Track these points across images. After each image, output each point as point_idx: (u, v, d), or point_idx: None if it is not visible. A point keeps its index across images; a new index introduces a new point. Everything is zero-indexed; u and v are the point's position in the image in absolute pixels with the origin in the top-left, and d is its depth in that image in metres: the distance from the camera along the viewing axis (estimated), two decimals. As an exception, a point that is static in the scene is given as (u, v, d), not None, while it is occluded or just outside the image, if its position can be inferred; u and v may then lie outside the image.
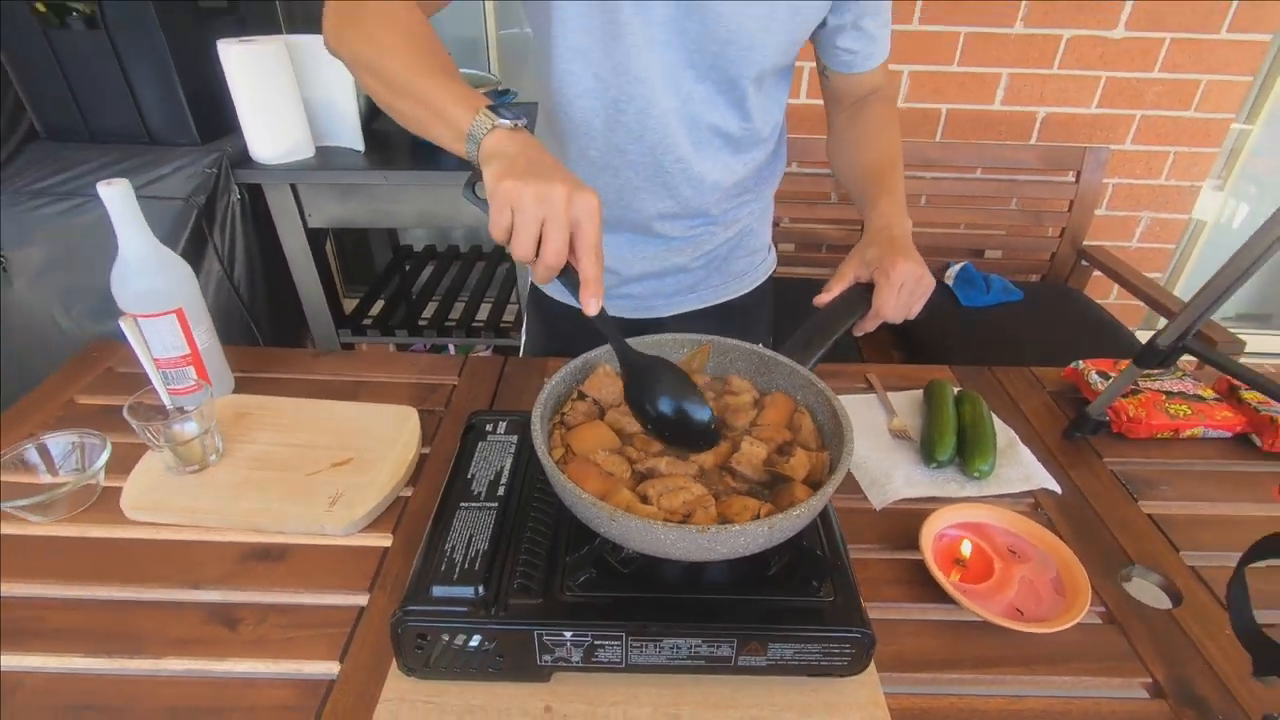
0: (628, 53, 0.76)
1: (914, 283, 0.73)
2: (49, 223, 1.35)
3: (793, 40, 0.80)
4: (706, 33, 0.76)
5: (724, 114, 0.84)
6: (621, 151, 0.84)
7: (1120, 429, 0.89)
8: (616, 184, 0.88)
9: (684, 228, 0.94)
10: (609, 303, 0.57)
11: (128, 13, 1.29)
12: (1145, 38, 1.74)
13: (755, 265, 1.06)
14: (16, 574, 0.67)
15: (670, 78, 0.79)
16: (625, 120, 0.81)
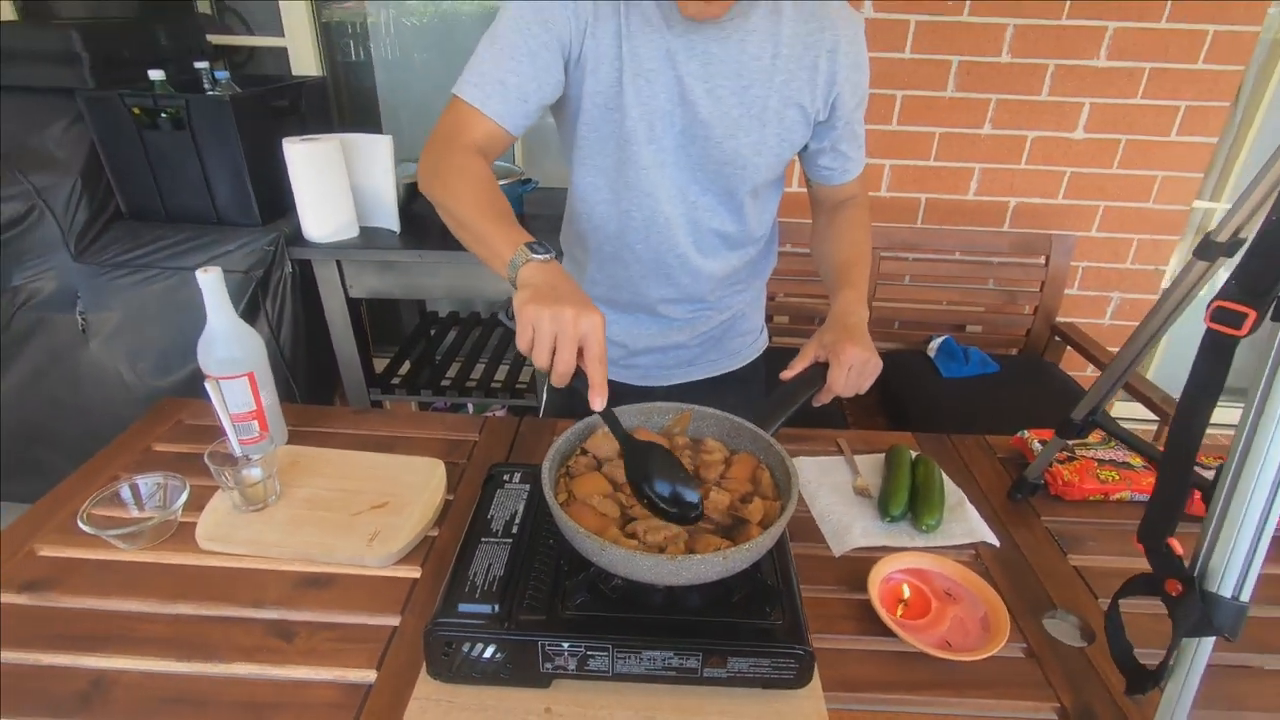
0: (639, 173, 0.93)
1: (861, 365, 0.87)
2: (125, 291, 1.54)
3: (780, 160, 0.96)
4: (708, 156, 0.92)
5: (723, 219, 0.99)
6: (630, 248, 1.00)
7: (1057, 491, 1.02)
8: (626, 273, 1.04)
9: (684, 311, 1.08)
10: (621, 371, 0.72)
11: (209, 114, 1.51)
12: (1103, 139, 1.93)
13: (747, 345, 1.20)
14: (111, 591, 0.80)
15: (678, 191, 0.95)
16: (634, 224, 0.98)
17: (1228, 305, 0.60)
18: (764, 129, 0.91)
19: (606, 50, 0.86)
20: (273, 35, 2.15)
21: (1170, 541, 0.62)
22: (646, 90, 0.87)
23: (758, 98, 0.89)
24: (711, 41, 0.86)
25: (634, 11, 0.85)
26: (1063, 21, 1.82)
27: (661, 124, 0.89)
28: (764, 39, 0.87)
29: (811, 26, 0.88)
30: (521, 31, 0.84)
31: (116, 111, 1.50)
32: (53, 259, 1.52)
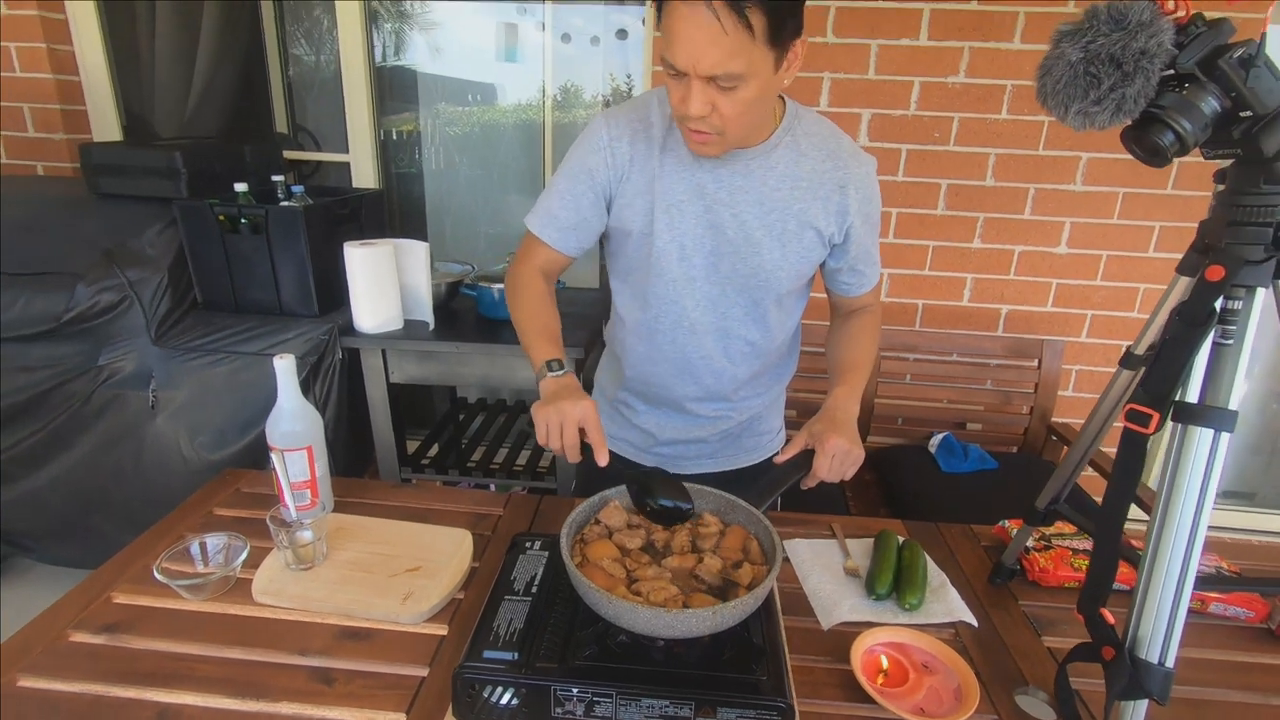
0: (669, 287, 1.08)
1: (843, 454, 0.96)
2: (194, 371, 1.72)
3: (800, 275, 1.08)
4: (735, 271, 1.06)
5: (748, 327, 1.11)
6: (660, 349, 1.15)
7: (1034, 577, 1.10)
8: (656, 371, 1.18)
9: (709, 409, 1.20)
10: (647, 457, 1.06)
11: (284, 222, 1.74)
12: (1085, 254, 2.10)
13: (764, 444, 1.29)
14: (176, 636, 0.91)
15: (708, 302, 1.08)
16: (663, 330, 1.12)
17: (1137, 408, 0.72)
18: (785, 248, 1.04)
19: (641, 189, 1.03)
20: (339, 151, 2.45)
21: (1103, 611, 0.72)
22: (678, 219, 1.03)
23: (778, 221, 1.03)
24: (737, 175, 1.01)
25: (668, 154, 1.02)
26: (1040, 151, 2.02)
27: (691, 245, 1.04)
28: (785, 173, 1.02)
29: (827, 165, 1.03)
30: (572, 177, 1.05)
31: (205, 218, 1.73)
32: (135, 342, 1.72)
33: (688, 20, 0.81)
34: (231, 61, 2.40)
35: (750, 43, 0.81)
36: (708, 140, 0.93)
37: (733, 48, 0.81)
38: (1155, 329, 0.79)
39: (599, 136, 1.03)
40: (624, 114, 1.04)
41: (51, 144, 2.30)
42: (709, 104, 0.86)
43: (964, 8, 1.92)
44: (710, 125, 0.89)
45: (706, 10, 0.79)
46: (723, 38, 0.80)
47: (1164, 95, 0.66)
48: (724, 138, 0.92)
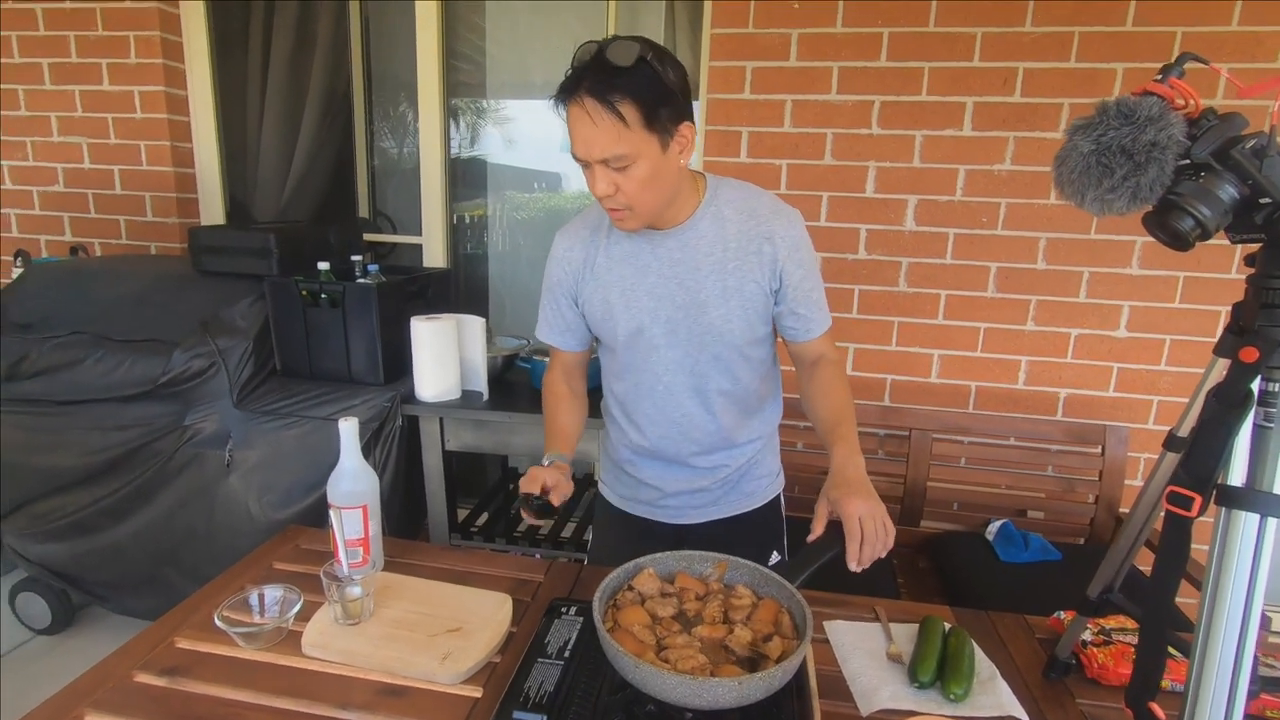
0: (638, 357, 1.21)
1: (869, 515, 0.93)
2: (268, 434, 1.84)
3: (750, 326, 1.16)
4: (692, 332, 1.16)
5: (718, 380, 1.20)
6: (644, 413, 1.25)
7: (1093, 674, 1.03)
8: (650, 433, 1.26)
9: (706, 460, 1.28)
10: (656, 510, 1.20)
11: (359, 297, 1.88)
12: (1147, 338, 2.04)
13: (763, 487, 1.34)
14: (229, 682, 0.96)
15: (676, 364, 1.19)
16: (643, 394, 1.24)
17: (1178, 490, 0.71)
18: (729, 303, 1.14)
19: (597, 281, 1.20)
20: (413, 234, 2.66)
21: (1151, 706, 0.68)
22: (632, 298, 1.17)
23: (718, 281, 1.14)
24: (674, 250, 1.15)
25: (614, 247, 1.18)
26: (1092, 235, 2.02)
27: (648, 319, 1.17)
28: (714, 239, 1.14)
29: (750, 224, 1.14)
30: (549, 290, 1.26)
31: (290, 293, 1.90)
32: (218, 404, 1.86)
33: (576, 118, 0.99)
34: (324, 155, 2.68)
35: (626, 130, 0.98)
36: (623, 216, 1.08)
37: (612, 135, 0.98)
38: (1196, 411, 0.78)
39: (557, 250, 1.24)
40: (574, 226, 1.24)
41: (166, 227, 2.58)
42: (612, 184, 1.02)
43: (1007, 100, 1.99)
44: (619, 202, 1.05)
45: (591, 108, 0.97)
46: (602, 128, 0.97)
47: (1181, 183, 0.68)
48: (635, 212, 1.07)
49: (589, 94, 0.97)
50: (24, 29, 2.47)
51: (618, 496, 1.38)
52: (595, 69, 0.97)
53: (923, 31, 1.99)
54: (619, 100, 0.96)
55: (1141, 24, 1.89)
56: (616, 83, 0.96)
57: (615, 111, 0.97)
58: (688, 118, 1.04)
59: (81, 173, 2.57)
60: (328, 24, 2.58)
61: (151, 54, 2.44)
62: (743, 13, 2.07)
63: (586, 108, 0.97)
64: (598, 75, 0.97)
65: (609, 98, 0.96)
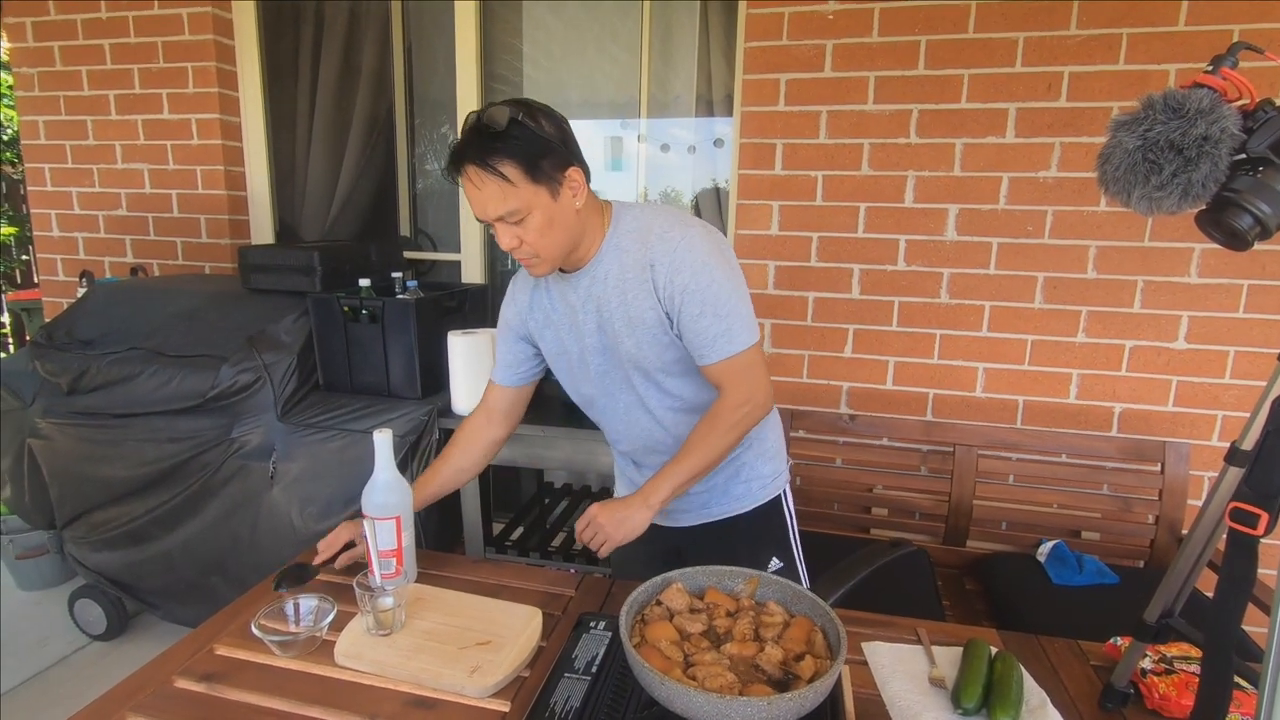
0: (593, 382, 1.27)
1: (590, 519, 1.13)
2: (310, 446, 1.88)
3: (660, 350, 1.18)
4: (619, 358, 1.22)
5: (661, 395, 1.24)
6: (616, 430, 1.33)
7: (1154, 705, 0.97)
8: (626, 446, 1.34)
9: None
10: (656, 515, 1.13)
11: (397, 313, 1.92)
12: (1209, 350, 1.94)
13: (753, 491, 1.34)
14: (264, 689, 0.97)
15: (626, 386, 1.25)
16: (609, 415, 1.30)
17: (1242, 506, 0.66)
18: (634, 334, 1.18)
19: (546, 319, 1.28)
20: (451, 251, 2.71)
21: (1217, 739, 0.63)
22: (566, 334, 1.26)
23: (621, 315, 1.17)
24: (589, 287, 1.20)
25: (549, 291, 1.26)
26: (1146, 243, 1.93)
27: (589, 350, 1.24)
28: (616, 275, 1.17)
29: (639, 252, 1.15)
30: (502, 329, 1.35)
31: (332, 309, 1.95)
32: (263, 418, 1.91)
33: (466, 185, 1.06)
34: (368, 177, 2.76)
35: (512, 187, 1.04)
36: (533, 264, 1.14)
37: (499, 196, 1.04)
38: (1261, 422, 0.73)
39: (509, 292, 1.33)
40: (521, 272, 1.30)
41: (219, 248, 2.69)
42: (515, 237, 1.09)
43: (1051, 106, 1.93)
44: (525, 252, 1.11)
45: (475, 176, 1.04)
46: (488, 191, 1.04)
47: (1237, 179, 0.65)
48: (542, 259, 1.13)
49: (470, 162, 1.04)
50: (93, 64, 2.63)
51: None
52: (474, 137, 1.04)
53: (962, 38, 1.96)
54: (499, 162, 1.03)
55: (1195, 23, 1.82)
56: (495, 146, 1.02)
57: (497, 173, 1.03)
58: (574, 163, 1.10)
59: (143, 197, 2.71)
60: (372, 53, 2.67)
61: (208, 83, 2.56)
62: (776, 25, 2.07)
63: (471, 175, 1.04)
64: (477, 143, 1.03)
65: (489, 161, 1.03)
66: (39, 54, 2.66)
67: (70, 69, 2.65)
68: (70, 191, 2.77)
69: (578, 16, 2.56)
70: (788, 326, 2.22)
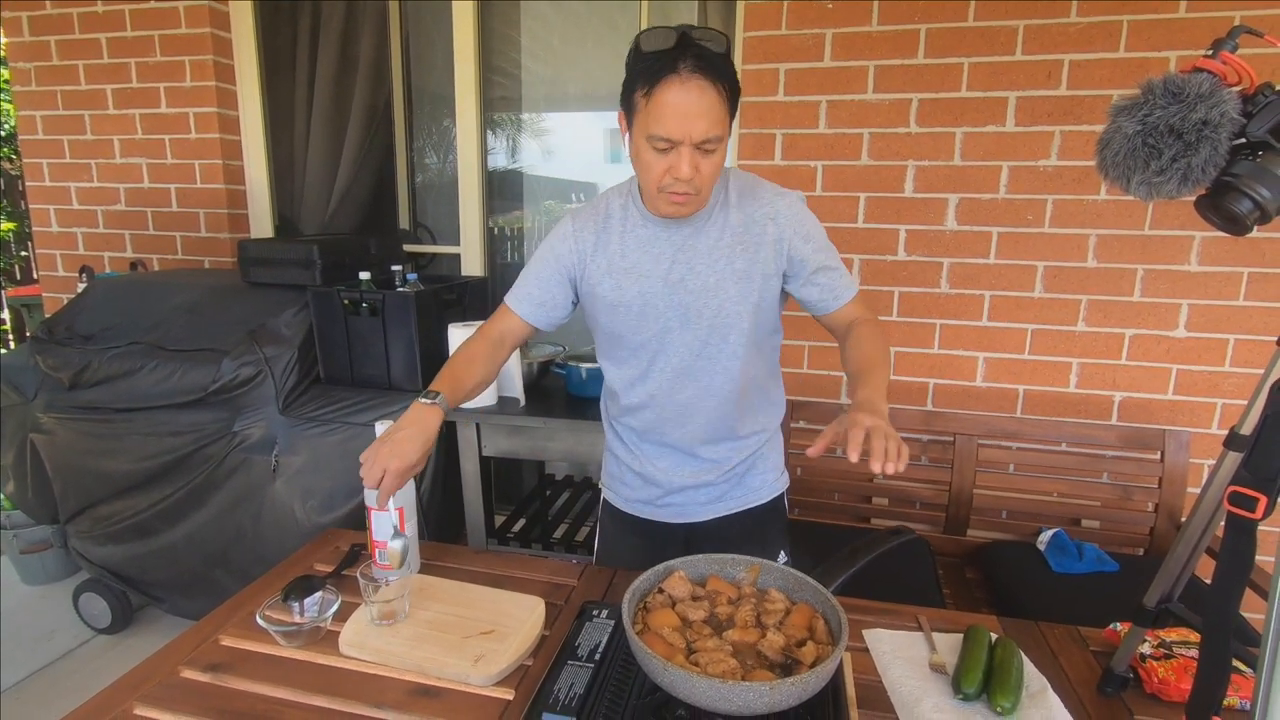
0: (648, 340, 1.19)
1: (873, 428, 0.87)
2: (311, 439, 1.89)
3: (758, 308, 1.16)
4: (702, 316, 1.16)
5: (725, 363, 1.19)
6: (655, 399, 1.24)
7: (1153, 690, 0.97)
8: (655, 418, 1.26)
9: (711, 451, 1.27)
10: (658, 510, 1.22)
11: (398, 306, 1.92)
12: (1209, 338, 1.94)
13: (768, 483, 1.34)
14: (269, 679, 0.98)
15: (684, 348, 1.19)
16: (653, 379, 1.22)
17: (1241, 490, 0.67)
18: (739, 285, 1.15)
19: (608, 266, 1.19)
20: (451, 244, 2.71)
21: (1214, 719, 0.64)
22: (647, 284, 1.17)
23: (728, 264, 1.15)
24: (687, 237, 1.16)
25: (628, 234, 1.18)
26: (1146, 232, 1.93)
27: (662, 303, 1.17)
28: (724, 225, 1.15)
29: (753, 207, 1.15)
30: (542, 262, 1.24)
31: (332, 302, 1.95)
32: (265, 411, 1.92)
33: (684, 95, 0.97)
34: (367, 170, 2.76)
35: (725, 111, 1.00)
36: (686, 200, 1.07)
37: (717, 115, 0.99)
38: (1260, 407, 0.73)
39: (566, 228, 1.23)
40: (586, 210, 1.24)
41: (218, 242, 2.69)
42: (695, 167, 1.02)
43: (1052, 94, 1.92)
44: (692, 186, 1.05)
45: (701, 85, 0.96)
46: (712, 107, 0.98)
47: (1237, 163, 0.65)
48: (699, 196, 1.08)
49: (699, 71, 0.96)
50: (90, 58, 2.62)
51: (621, 499, 1.37)
52: (694, 49, 0.96)
53: (961, 26, 1.95)
54: (724, 84, 0.98)
55: (1196, 9, 1.81)
56: (719, 64, 0.97)
57: (718, 91, 0.98)
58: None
59: (141, 192, 2.70)
60: (369, 45, 2.66)
61: (205, 77, 2.55)
62: (775, 15, 2.06)
63: (698, 85, 0.96)
64: (702, 55, 0.96)
65: (716, 78, 0.97)
66: (36, 49, 2.65)
67: (67, 63, 2.64)
68: (69, 187, 2.76)
69: (576, 8, 2.55)
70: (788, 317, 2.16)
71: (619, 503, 1.38)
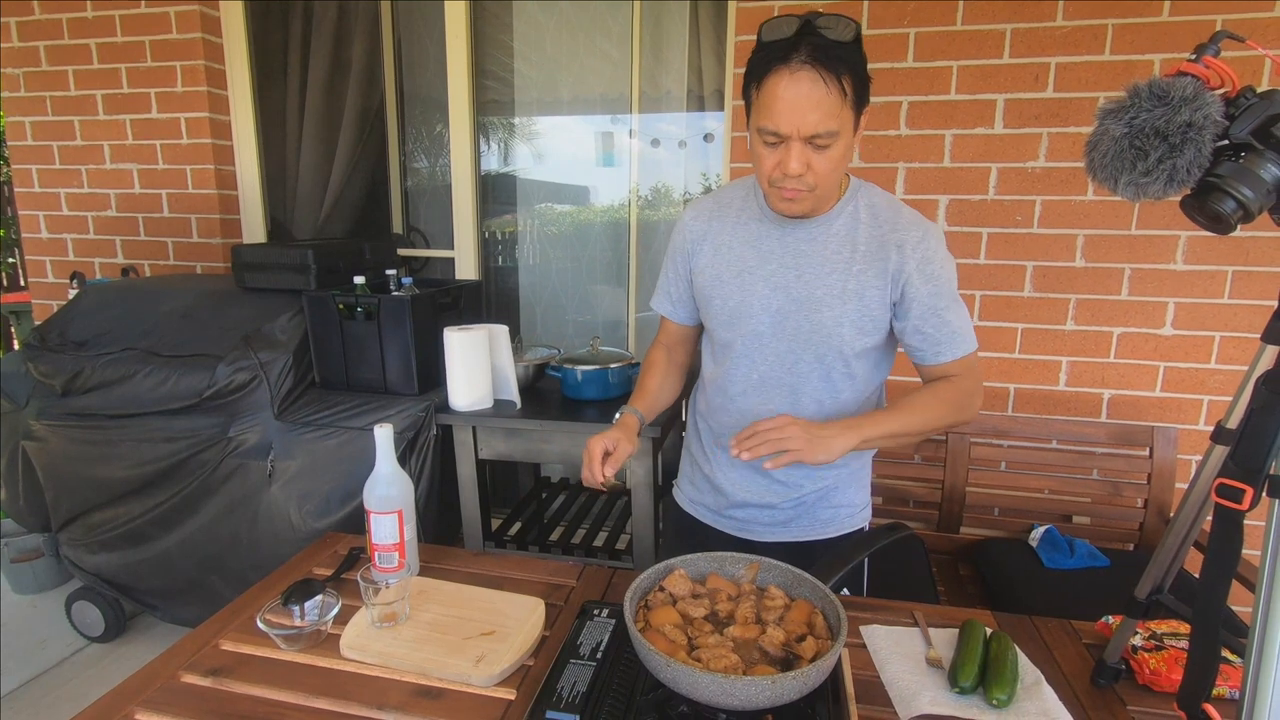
0: (741, 341, 1.17)
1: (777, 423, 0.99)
2: (307, 444, 1.89)
3: (862, 331, 1.11)
4: (800, 329, 1.12)
5: (815, 385, 1.15)
6: (734, 402, 1.20)
7: (1144, 680, 0.99)
8: (733, 422, 1.20)
9: (782, 474, 1.20)
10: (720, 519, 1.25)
11: (393, 310, 1.93)
12: (1195, 336, 1.97)
13: (842, 516, 1.26)
14: (270, 682, 0.98)
15: (776, 358, 1.15)
16: (735, 382, 1.19)
17: (1228, 482, 0.68)
18: (845, 305, 1.10)
19: (714, 257, 1.18)
20: (445, 248, 2.71)
21: (1206, 707, 0.65)
22: (749, 281, 1.14)
23: (839, 281, 1.10)
24: (801, 241, 1.12)
25: (741, 227, 1.17)
26: (1133, 231, 1.96)
27: (759, 305, 1.14)
28: (844, 238, 1.11)
29: (884, 230, 1.10)
30: (671, 258, 1.26)
31: (327, 307, 1.95)
32: (259, 416, 1.91)
33: (793, 87, 0.94)
34: (360, 174, 2.76)
35: (842, 104, 0.95)
36: (799, 196, 1.03)
37: (831, 108, 0.94)
38: (1245, 400, 0.75)
39: (683, 219, 1.23)
40: (707, 198, 1.23)
41: (210, 247, 2.68)
42: (805, 163, 0.98)
43: (1039, 96, 1.95)
44: (804, 183, 1.01)
45: (812, 77, 0.93)
46: (824, 100, 0.93)
47: (1221, 164, 0.66)
48: (814, 194, 1.03)
49: (812, 62, 0.92)
50: (80, 63, 2.61)
51: (686, 498, 1.34)
52: (813, 39, 0.93)
53: (950, 30, 1.97)
54: (844, 74, 0.94)
55: (1179, 13, 1.84)
56: (839, 54, 0.93)
57: (839, 84, 0.94)
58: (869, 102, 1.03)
59: (132, 198, 2.69)
60: (362, 49, 2.67)
61: (197, 82, 2.54)
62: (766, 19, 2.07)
63: (808, 77, 0.93)
64: (818, 45, 0.92)
65: (833, 69, 0.93)
66: (25, 54, 2.64)
67: (57, 69, 2.63)
68: (59, 193, 2.75)
69: (569, 12, 2.57)
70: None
71: (683, 501, 1.35)
